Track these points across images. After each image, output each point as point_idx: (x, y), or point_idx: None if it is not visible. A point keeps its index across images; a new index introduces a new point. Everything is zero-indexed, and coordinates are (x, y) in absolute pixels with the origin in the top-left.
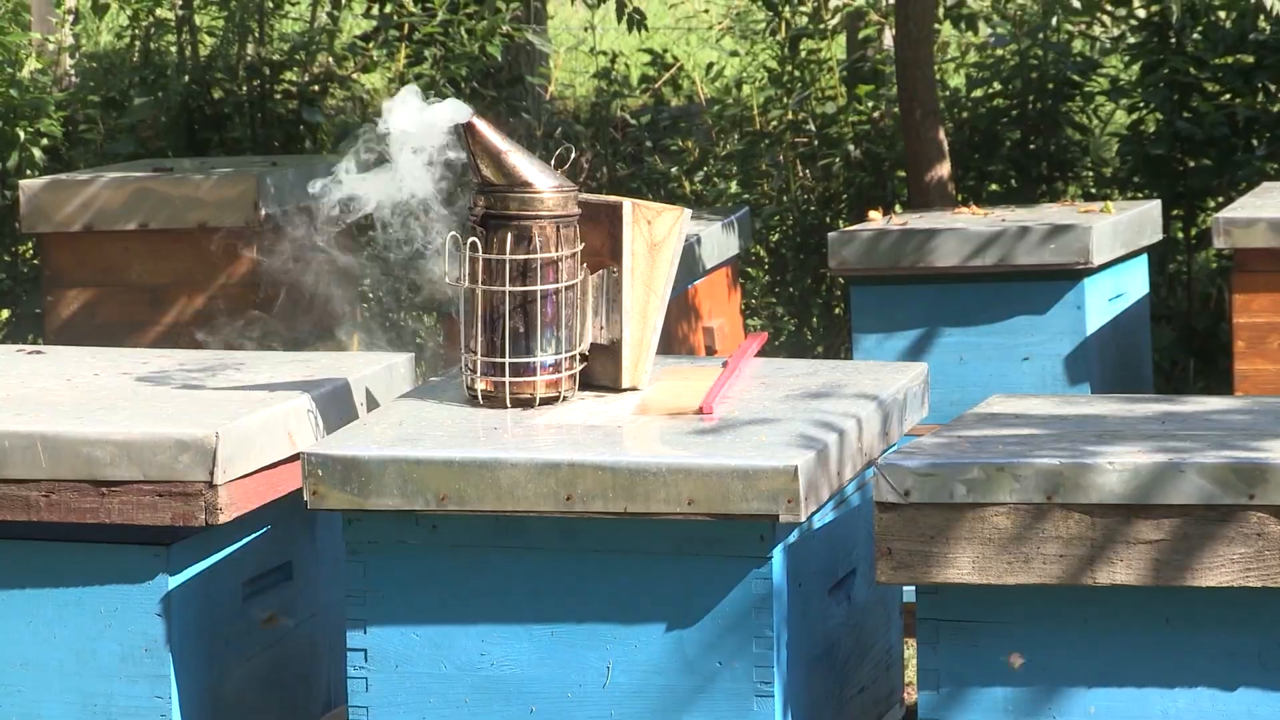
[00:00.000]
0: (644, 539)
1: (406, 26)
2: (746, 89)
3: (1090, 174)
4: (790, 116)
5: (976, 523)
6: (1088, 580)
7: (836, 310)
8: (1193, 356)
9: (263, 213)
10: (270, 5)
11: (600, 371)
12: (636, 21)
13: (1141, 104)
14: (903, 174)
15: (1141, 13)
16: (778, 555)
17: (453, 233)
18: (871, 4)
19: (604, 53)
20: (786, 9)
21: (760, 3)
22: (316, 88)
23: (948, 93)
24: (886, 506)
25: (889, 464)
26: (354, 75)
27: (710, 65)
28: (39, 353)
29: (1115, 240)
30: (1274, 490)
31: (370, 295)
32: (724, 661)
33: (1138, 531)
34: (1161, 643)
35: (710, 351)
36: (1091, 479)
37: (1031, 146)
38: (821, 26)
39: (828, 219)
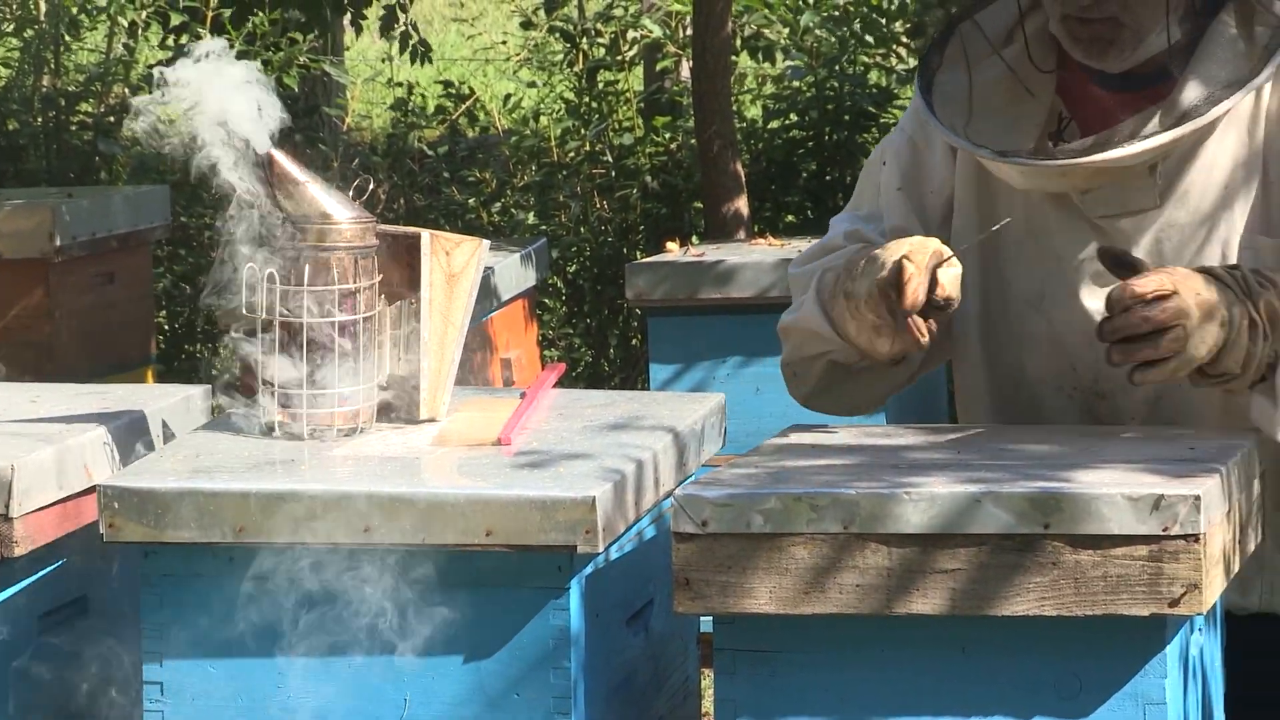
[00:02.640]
0: (442, 571)
1: None
2: (544, 120)
3: None
4: (588, 148)
5: (774, 553)
6: (885, 610)
7: (633, 341)
8: None
9: (58, 243)
10: (66, 36)
11: (398, 403)
12: (421, 54)
13: None
14: (699, 205)
15: None
16: (575, 586)
17: (250, 264)
18: (669, 36)
19: (401, 84)
20: (584, 41)
21: (558, 34)
22: (112, 119)
23: (745, 124)
24: (684, 537)
25: (686, 495)
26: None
27: (508, 96)
28: None
29: None
30: (1069, 520)
31: (167, 326)
32: (522, 693)
33: (935, 561)
34: (959, 672)
35: (508, 383)
36: (889, 509)
37: (828, 178)
38: (619, 58)
39: (625, 250)
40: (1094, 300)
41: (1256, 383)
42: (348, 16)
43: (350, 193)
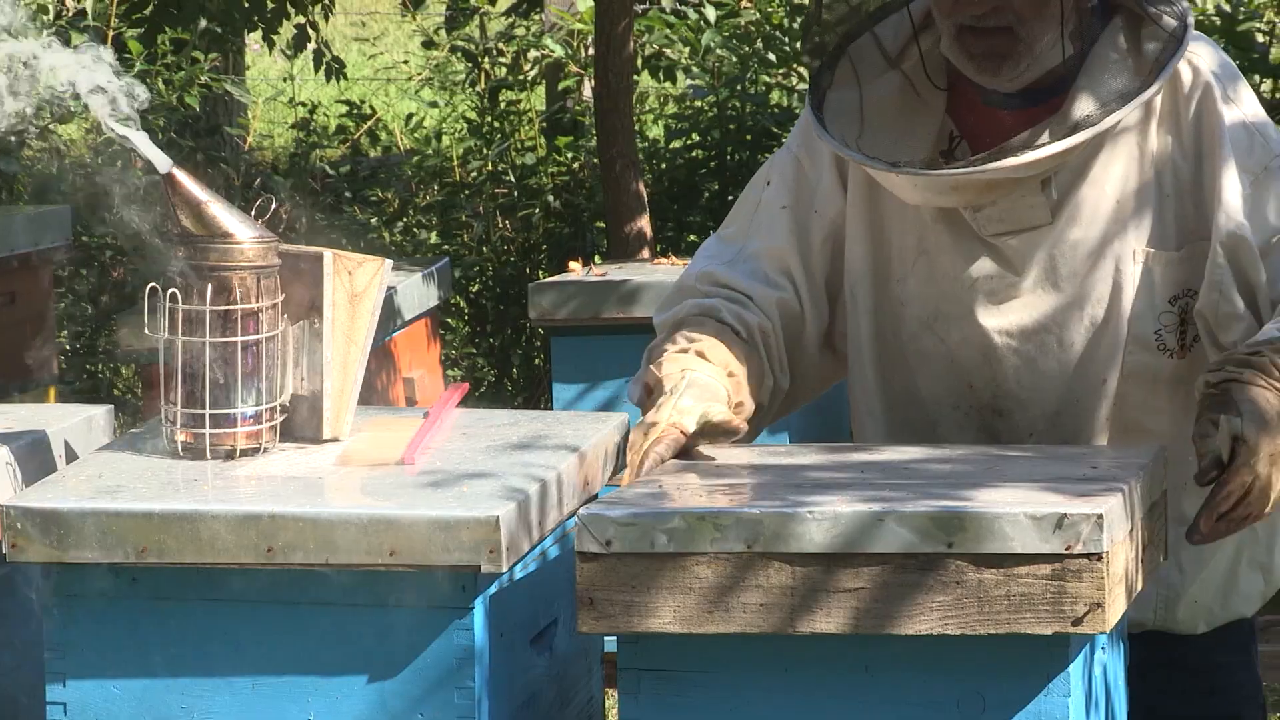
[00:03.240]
0: (346, 591)
1: None
2: (446, 140)
3: None
4: (490, 167)
5: (678, 572)
6: (789, 629)
7: (536, 361)
8: None
9: None
10: None
11: (301, 423)
12: (335, 70)
13: None
14: (602, 225)
15: None
16: (479, 606)
17: (152, 284)
18: (571, 55)
19: (302, 103)
20: (486, 60)
21: (459, 54)
22: (13, 138)
23: (647, 144)
24: (588, 556)
25: (590, 514)
26: (51, 126)
27: (410, 116)
28: None
29: None
30: (972, 539)
31: (68, 346)
32: (426, 713)
33: (838, 580)
34: (862, 691)
35: (411, 403)
36: (792, 528)
37: (730, 197)
38: (521, 78)
39: (527, 270)
40: (989, 318)
41: None
42: (257, 34)
43: (252, 212)
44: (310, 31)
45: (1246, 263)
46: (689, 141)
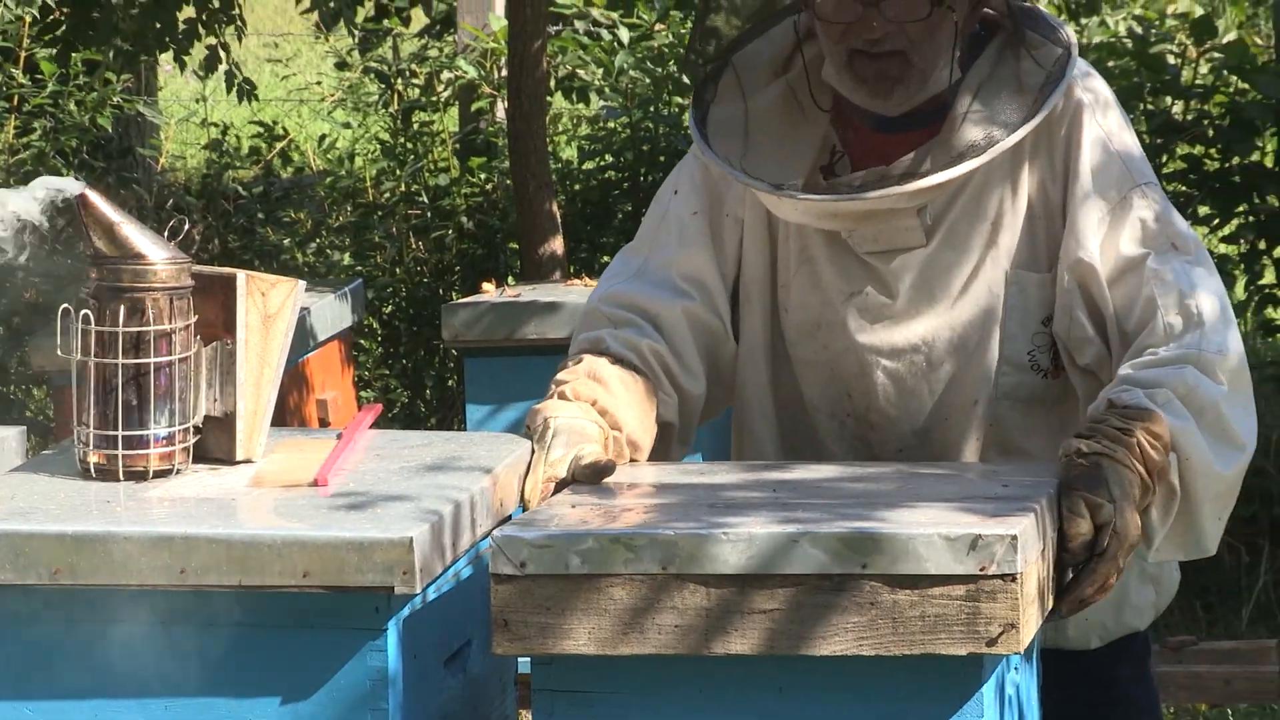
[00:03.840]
0: (259, 612)
1: (15, 98)
2: (359, 161)
3: None
4: (403, 188)
5: (592, 594)
6: (704, 650)
7: (450, 382)
8: None
9: None
10: None
11: (214, 444)
12: (247, 92)
13: None
14: (515, 246)
15: None
16: (393, 628)
17: (65, 305)
18: (484, 77)
19: (215, 124)
20: (399, 81)
21: (372, 75)
22: None
23: (560, 165)
24: (502, 579)
25: (505, 536)
26: None
27: (323, 137)
28: None
29: None
30: (886, 560)
31: None
32: None
33: (752, 601)
34: (776, 712)
35: (324, 424)
36: (707, 549)
37: (643, 218)
38: (434, 99)
39: (441, 291)
40: (862, 334)
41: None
42: (168, 55)
43: (165, 233)
44: (222, 53)
45: (1094, 290)
46: (602, 163)
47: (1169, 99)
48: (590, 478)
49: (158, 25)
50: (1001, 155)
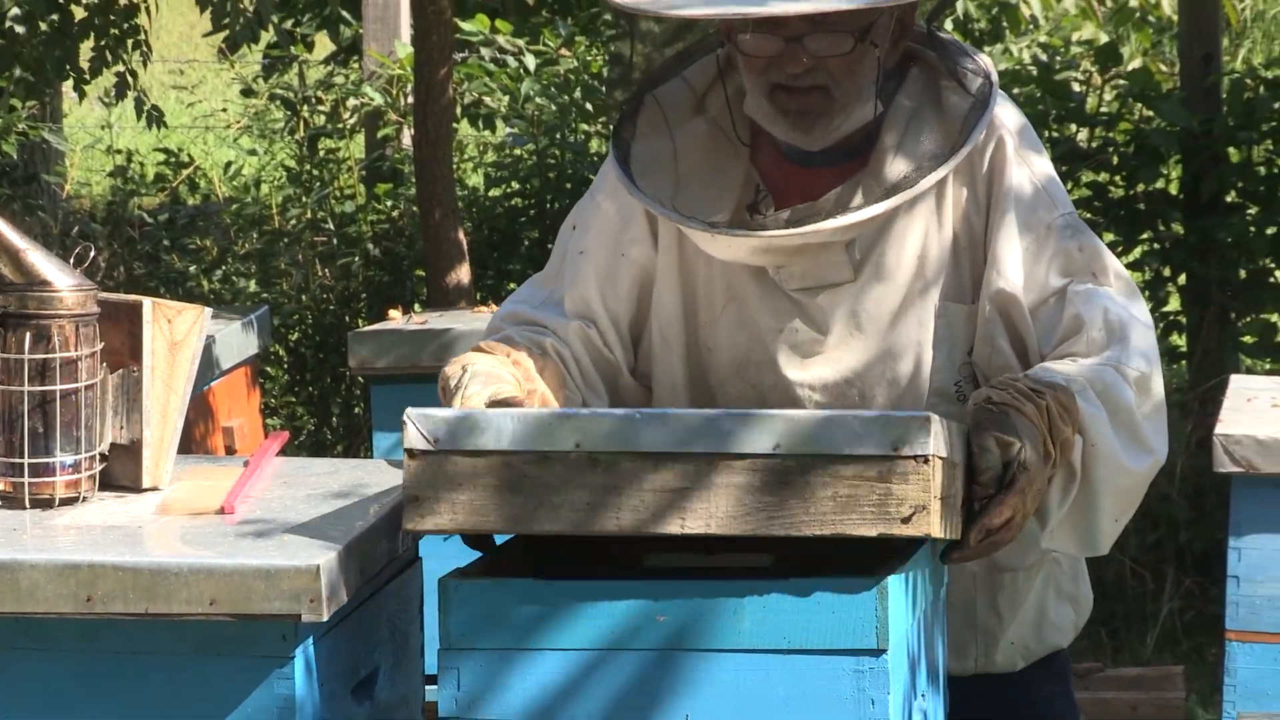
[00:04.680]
0: (167, 640)
1: None
2: (265, 188)
3: None
4: (309, 215)
5: (504, 470)
6: (614, 527)
7: (356, 409)
8: None
9: None
10: None
11: (121, 471)
12: (155, 118)
13: None
14: (422, 273)
15: None
16: (300, 655)
17: None
18: (390, 103)
19: (120, 151)
20: (305, 108)
21: (278, 102)
22: None
23: (466, 192)
24: (415, 454)
25: (420, 412)
26: None
27: (229, 164)
28: None
29: None
30: (799, 441)
31: None
32: None
33: (665, 481)
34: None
35: (230, 451)
36: (621, 429)
37: (549, 246)
38: (340, 126)
39: (347, 318)
40: (793, 370)
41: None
42: (69, 83)
43: (70, 260)
44: (129, 79)
45: (1017, 318)
46: (508, 190)
47: (1074, 126)
48: None
49: (58, 53)
50: (927, 188)
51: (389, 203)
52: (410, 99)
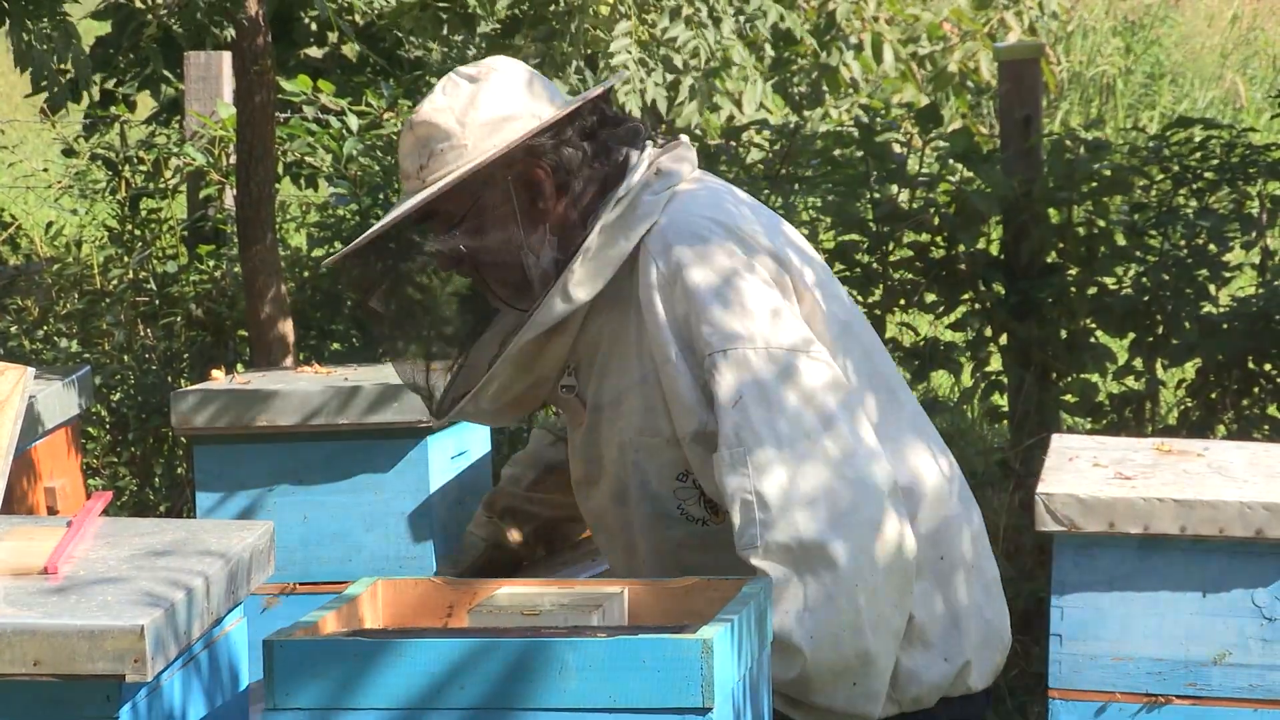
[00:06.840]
0: None
1: None
2: (86, 248)
3: None
4: (131, 275)
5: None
6: None
7: (179, 469)
8: None
9: None
10: None
11: None
12: None
13: None
14: (244, 333)
15: None
16: (126, 715)
17: None
18: (212, 163)
19: None
20: (126, 168)
21: (100, 162)
22: None
23: (289, 252)
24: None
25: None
26: None
27: (50, 224)
28: None
29: None
30: None
31: None
32: None
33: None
34: None
35: (53, 511)
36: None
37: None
38: (162, 185)
39: (169, 378)
40: (582, 502)
41: None
42: None
43: None
44: None
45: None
46: (331, 250)
47: (895, 187)
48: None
49: None
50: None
51: (211, 263)
52: (233, 159)
